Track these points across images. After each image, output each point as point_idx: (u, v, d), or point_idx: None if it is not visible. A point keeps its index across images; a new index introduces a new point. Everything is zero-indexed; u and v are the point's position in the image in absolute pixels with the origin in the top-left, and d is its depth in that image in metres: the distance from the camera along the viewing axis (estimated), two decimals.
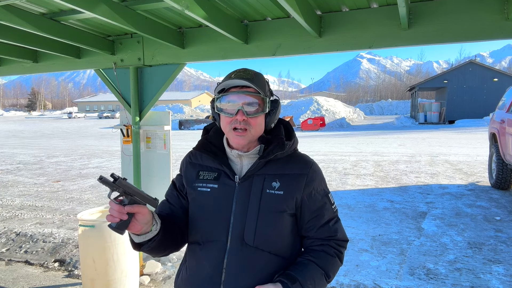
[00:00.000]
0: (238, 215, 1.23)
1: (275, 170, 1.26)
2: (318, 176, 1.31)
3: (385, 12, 2.70)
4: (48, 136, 24.75)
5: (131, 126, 3.69)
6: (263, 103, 1.23)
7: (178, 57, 3.42)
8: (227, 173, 1.27)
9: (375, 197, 6.87)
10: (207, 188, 1.28)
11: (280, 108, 1.30)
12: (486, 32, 2.49)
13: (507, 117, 6.78)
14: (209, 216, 1.26)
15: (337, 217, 1.33)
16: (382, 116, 51.06)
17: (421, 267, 3.90)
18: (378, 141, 17.53)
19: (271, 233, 1.22)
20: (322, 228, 1.27)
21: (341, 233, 1.30)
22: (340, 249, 1.29)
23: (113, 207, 1.10)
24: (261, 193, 1.23)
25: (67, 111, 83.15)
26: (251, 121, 1.22)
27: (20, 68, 4.28)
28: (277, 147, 1.24)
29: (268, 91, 1.27)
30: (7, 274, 3.93)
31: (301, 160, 1.31)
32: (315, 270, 1.21)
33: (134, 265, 3.35)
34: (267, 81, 1.30)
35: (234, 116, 1.21)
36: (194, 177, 1.32)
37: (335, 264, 1.26)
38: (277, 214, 1.23)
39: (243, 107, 1.21)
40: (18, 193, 7.72)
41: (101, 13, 2.48)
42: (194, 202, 1.31)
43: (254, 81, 1.21)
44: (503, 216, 5.59)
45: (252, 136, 1.24)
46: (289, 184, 1.24)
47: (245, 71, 1.24)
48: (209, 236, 1.25)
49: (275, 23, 3.02)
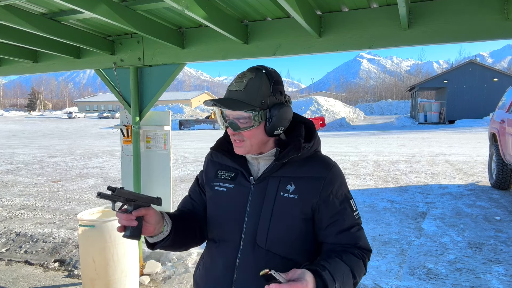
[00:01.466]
0: (251, 217, 1.22)
1: (292, 173, 1.22)
2: (338, 180, 1.23)
3: (385, 12, 2.70)
4: (48, 136, 24.75)
5: (131, 126, 3.69)
6: (251, 118, 1.17)
7: (178, 57, 3.42)
8: (243, 174, 1.26)
9: (375, 197, 6.87)
10: (224, 188, 1.28)
11: (283, 111, 1.19)
12: (486, 32, 2.49)
13: (507, 117, 6.78)
14: (224, 215, 1.27)
15: (360, 225, 1.25)
16: (382, 116, 51.06)
17: (421, 267, 3.90)
18: (378, 141, 17.53)
19: (283, 237, 1.20)
20: (343, 234, 1.20)
21: (363, 242, 1.22)
22: (363, 256, 1.20)
23: (120, 217, 1.11)
24: (275, 196, 1.20)
25: (67, 111, 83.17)
26: (244, 134, 1.19)
27: (20, 68, 4.28)
28: (292, 150, 1.20)
29: (263, 100, 1.17)
30: (7, 274, 3.93)
31: (321, 162, 1.25)
32: (343, 265, 1.13)
33: (134, 265, 3.35)
34: (274, 79, 1.20)
35: (226, 128, 1.22)
36: (213, 175, 1.33)
37: (360, 266, 1.17)
38: (290, 218, 1.19)
39: (231, 123, 1.19)
40: (18, 193, 7.72)
41: (101, 13, 2.48)
42: (211, 200, 1.32)
43: (243, 94, 1.16)
44: (503, 216, 5.59)
45: (251, 146, 1.21)
46: (305, 188, 1.20)
47: (238, 83, 1.18)
48: (224, 235, 1.26)
49: (275, 23, 3.02)
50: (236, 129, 1.18)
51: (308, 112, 35.64)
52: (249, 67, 1.24)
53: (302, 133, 1.26)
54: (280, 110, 1.18)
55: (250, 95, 1.16)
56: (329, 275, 1.06)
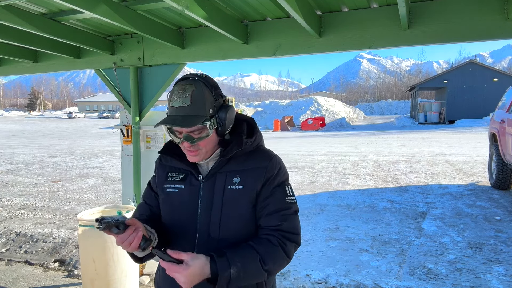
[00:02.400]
0: (203, 212, 1.29)
1: (236, 167, 1.30)
2: (277, 168, 1.31)
3: (385, 12, 2.70)
4: (48, 136, 24.75)
5: (131, 126, 3.69)
6: (205, 127, 1.23)
7: (178, 57, 3.42)
8: (193, 173, 1.33)
9: (375, 197, 6.87)
10: (175, 189, 1.34)
11: (230, 113, 1.27)
12: (486, 32, 2.49)
13: (507, 117, 6.78)
14: (178, 215, 1.32)
15: (292, 210, 1.30)
16: (382, 116, 51.05)
17: (421, 267, 3.90)
18: (378, 141, 17.53)
19: (234, 226, 1.27)
20: (270, 216, 1.27)
21: (289, 225, 1.27)
22: (284, 241, 1.25)
23: (125, 236, 1.16)
24: (224, 190, 1.28)
25: (67, 111, 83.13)
26: (199, 144, 1.25)
27: (20, 68, 4.28)
28: (235, 146, 1.27)
29: (210, 108, 1.23)
30: (7, 274, 3.93)
31: (262, 154, 1.33)
32: (249, 252, 1.20)
33: (134, 265, 3.35)
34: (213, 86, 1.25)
35: (181, 143, 1.26)
36: (163, 178, 1.38)
37: (276, 252, 1.23)
38: (239, 208, 1.27)
39: (185, 138, 1.24)
40: (18, 193, 7.72)
41: (101, 13, 2.48)
42: (164, 203, 1.37)
43: (192, 108, 1.19)
44: (503, 216, 5.58)
45: (205, 153, 1.28)
46: (249, 178, 1.28)
47: (182, 98, 1.21)
48: (179, 234, 1.32)
49: (275, 23, 3.02)
50: (193, 142, 1.24)
51: (308, 112, 35.61)
52: (181, 78, 1.27)
53: (244, 130, 1.34)
54: (227, 112, 1.26)
55: (198, 107, 1.21)
56: (224, 261, 1.15)
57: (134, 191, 3.72)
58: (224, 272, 1.13)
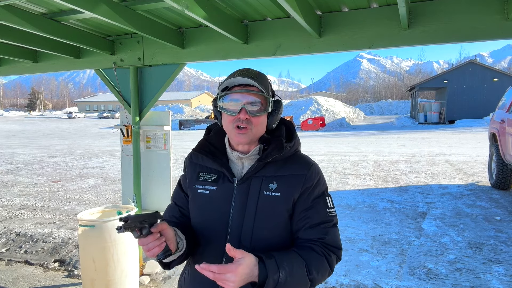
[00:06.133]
0: (236, 218, 1.22)
1: (274, 172, 1.24)
2: (317, 178, 1.26)
3: (385, 12, 2.70)
4: (48, 136, 24.75)
5: (131, 126, 3.69)
6: (266, 103, 1.22)
7: (178, 57, 3.42)
8: (226, 175, 1.27)
9: (375, 197, 6.87)
10: (206, 191, 1.27)
11: (282, 109, 1.29)
12: (486, 32, 2.49)
13: (507, 117, 6.78)
14: (208, 218, 1.26)
15: (333, 223, 1.26)
16: (382, 116, 51.05)
17: (421, 267, 3.90)
18: (378, 141, 17.53)
19: (267, 235, 1.21)
20: (311, 229, 1.22)
21: (331, 239, 1.23)
22: (328, 252, 1.20)
23: (145, 242, 1.09)
24: (259, 195, 1.22)
25: (67, 111, 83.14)
26: (254, 120, 1.21)
27: (20, 68, 4.28)
28: (275, 150, 1.23)
29: (270, 91, 1.27)
30: (7, 274, 3.93)
31: (301, 161, 1.28)
32: (296, 258, 1.15)
33: (134, 265, 3.35)
34: (270, 81, 1.29)
35: (237, 114, 1.20)
36: (194, 178, 1.32)
37: (320, 262, 1.18)
38: (274, 216, 1.22)
39: (246, 106, 1.20)
40: (18, 193, 7.72)
41: (101, 13, 2.48)
42: (194, 203, 1.31)
43: (258, 80, 1.20)
44: (503, 216, 5.58)
45: (253, 135, 1.23)
46: (287, 185, 1.22)
47: (248, 71, 1.24)
48: (209, 238, 1.25)
49: (275, 23, 3.02)
50: (252, 113, 1.20)
51: (308, 112, 35.61)
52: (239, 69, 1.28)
53: (283, 133, 1.30)
54: (280, 105, 1.28)
55: (264, 84, 1.23)
56: (274, 263, 1.08)
57: (134, 191, 3.72)
58: (273, 274, 1.06)
